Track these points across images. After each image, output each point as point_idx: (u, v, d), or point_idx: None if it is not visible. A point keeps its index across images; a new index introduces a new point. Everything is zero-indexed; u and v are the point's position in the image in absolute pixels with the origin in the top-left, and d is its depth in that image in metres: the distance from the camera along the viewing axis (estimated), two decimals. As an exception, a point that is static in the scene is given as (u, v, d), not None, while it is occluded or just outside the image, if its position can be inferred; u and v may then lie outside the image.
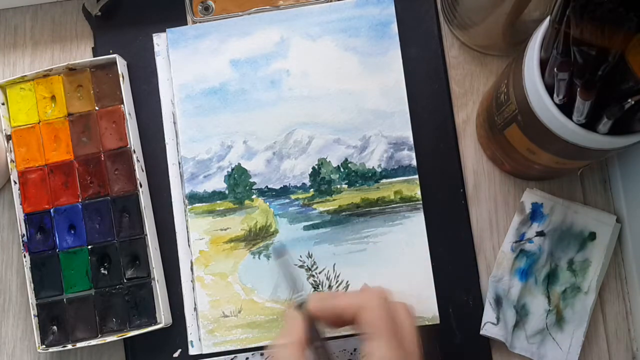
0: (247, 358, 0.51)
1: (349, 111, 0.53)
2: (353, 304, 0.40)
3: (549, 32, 0.37)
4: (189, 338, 0.51)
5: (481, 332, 0.49)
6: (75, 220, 0.51)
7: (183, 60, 0.54)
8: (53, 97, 0.53)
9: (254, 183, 0.53)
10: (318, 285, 0.51)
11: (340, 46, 0.53)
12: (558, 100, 0.38)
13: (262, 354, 0.51)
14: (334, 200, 0.52)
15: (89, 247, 0.51)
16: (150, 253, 0.50)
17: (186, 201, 0.52)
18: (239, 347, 0.50)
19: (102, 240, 0.51)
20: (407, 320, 0.40)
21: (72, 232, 0.51)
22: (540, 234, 0.50)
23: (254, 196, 0.52)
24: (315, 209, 0.52)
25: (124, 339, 0.51)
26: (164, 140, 0.54)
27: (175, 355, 0.52)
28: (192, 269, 0.52)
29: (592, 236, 0.50)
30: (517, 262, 0.50)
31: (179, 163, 0.53)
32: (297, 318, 0.40)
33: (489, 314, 0.50)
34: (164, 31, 0.55)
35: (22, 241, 0.51)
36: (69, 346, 0.50)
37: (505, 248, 0.51)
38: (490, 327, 0.49)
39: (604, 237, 0.50)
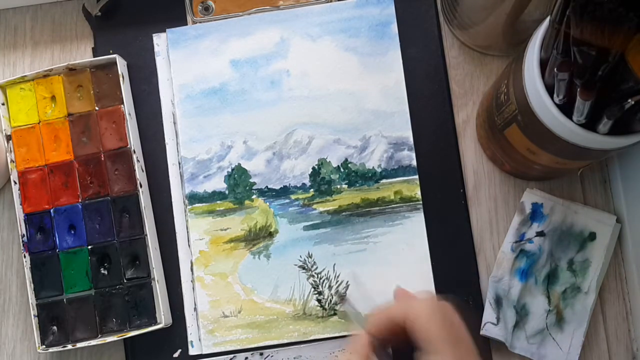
0: (246, 358, 0.51)
1: (349, 111, 0.53)
2: (400, 310, 0.38)
3: (549, 32, 0.37)
4: (189, 338, 0.51)
5: (481, 332, 0.49)
6: (75, 220, 0.51)
7: (183, 60, 0.54)
8: (53, 97, 0.53)
9: (254, 183, 0.53)
10: (318, 285, 0.51)
11: (340, 46, 0.53)
12: (558, 100, 0.38)
13: (261, 354, 0.51)
14: (334, 200, 0.52)
15: (89, 247, 0.51)
16: (150, 253, 0.50)
17: (186, 201, 0.52)
18: (238, 347, 0.50)
19: (102, 241, 0.51)
20: (460, 326, 0.38)
21: (72, 232, 0.51)
22: (540, 234, 0.50)
23: (254, 196, 0.52)
24: (315, 209, 0.52)
25: (124, 339, 0.51)
26: (164, 141, 0.54)
27: (175, 355, 0.51)
28: (192, 269, 0.52)
29: (592, 236, 0.50)
30: (517, 262, 0.50)
31: (179, 163, 0.53)
32: (362, 335, 0.39)
33: (489, 314, 0.50)
34: (164, 31, 0.55)
35: (22, 241, 0.51)
36: (69, 346, 0.50)
37: (505, 248, 0.51)
38: (490, 327, 0.49)
39: (604, 237, 0.50)
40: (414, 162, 0.52)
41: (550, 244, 0.50)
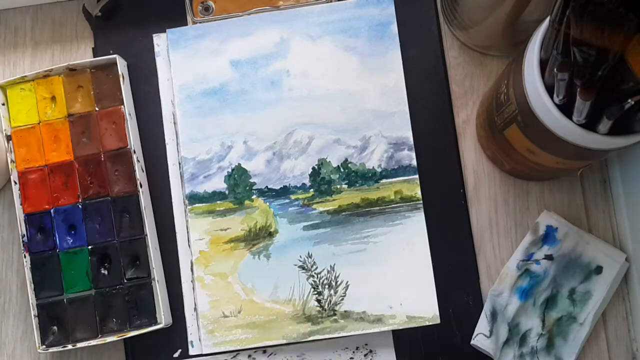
0: (249, 355, 0.51)
1: (349, 111, 0.53)
2: None
3: (549, 33, 0.37)
4: (189, 338, 0.51)
5: (472, 342, 0.49)
6: (75, 220, 0.51)
7: (183, 60, 0.54)
8: (53, 98, 0.53)
9: (254, 183, 0.53)
10: (318, 286, 0.51)
11: (340, 46, 0.53)
12: (558, 100, 0.38)
13: (264, 352, 0.51)
14: (334, 200, 0.52)
15: (89, 247, 0.51)
16: (150, 253, 0.50)
17: (186, 201, 0.52)
18: (238, 348, 0.50)
19: (102, 241, 0.51)
20: None
21: (73, 232, 0.51)
22: (548, 257, 0.50)
23: (254, 196, 0.52)
24: (315, 209, 0.52)
25: (124, 339, 0.51)
26: (164, 141, 0.54)
27: (175, 355, 0.51)
28: (192, 269, 0.52)
29: (599, 270, 0.49)
30: (520, 280, 0.50)
31: (179, 163, 0.53)
32: None
33: (483, 325, 0.49)
34: (164, 31, 0.55)
35: (22, 241, 0.51)
36: (69, 346, 0.50)
37: (511, 264, 0.50)
38: (481, 338, 0.49)
39: (610, 273, 0.49)
40: (414, 162, 0.52)
41: (556, 269, 0.50)
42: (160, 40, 0.55)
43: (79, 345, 0.50)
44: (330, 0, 0.54)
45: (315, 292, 0.51)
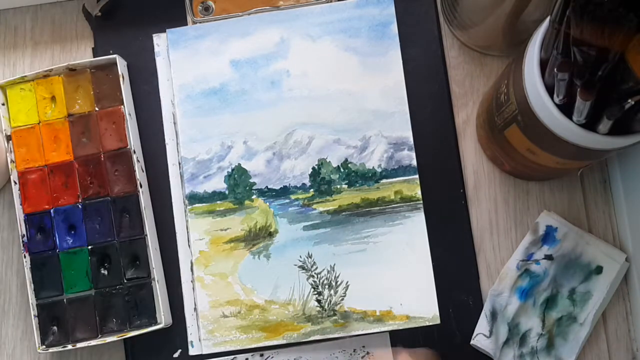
0: (246, 359, 0.51)
1: (349, 111, 0.53)
2: None
3: (549, 32, 0.37)
4: (189, 338, 0.51)
5: (472, 342, 0.49)
6: (75, 220, 0.51)
7: (183, 60, 0.54)
8: (53, 98, 0.53)
9: (254, 183, 0.53)
10: (317, 286, 0.51)
11: (341, 46, 0.53)
12: (558, 100, 0.38)
13: (261, 355, 0.51)
14: (334, 200, 0.52)
15: (89, 247, 0.51)
16: (150, 253, 0.50)
17: (186, 201, 0.52)
18: (238, 348, 0.50)
19: (102, 241, 0.51)
20: None
21: (72, 232, 0.51)
22: (548, 257, 0.50)
23: (254, 196, 0.52)
24: (315, 209, 0.52)
25: (124, 339, 0.51)
26: (164, 141, 0.54)
27: (175, 355, 0.51)
28: (192, 269, 0.52)
29: (599, 270, 0.49)
30: (520, 280, 0.50)
31: (179, 163, 0.53)
32: None
33: (482, 325, 0.49)
34: (164, 31, 0.55)
35: (22, 241, 0.51)
36: (69, 346, 0.50)
37: (511, 264, 0.50)
38: (481, 338, 0.49)
39: (610, 273, 0.49)
40: (414, 162, 0.52)
41: (556, 270, 0.50)
42: (160, 40, 0.55)
43: (79, 345, 0.50)
44: (330, 0, 0.54)
45: (315, 292, 0.51)
